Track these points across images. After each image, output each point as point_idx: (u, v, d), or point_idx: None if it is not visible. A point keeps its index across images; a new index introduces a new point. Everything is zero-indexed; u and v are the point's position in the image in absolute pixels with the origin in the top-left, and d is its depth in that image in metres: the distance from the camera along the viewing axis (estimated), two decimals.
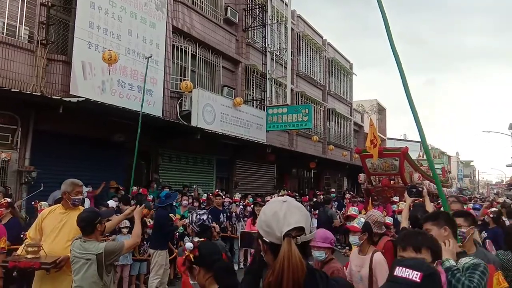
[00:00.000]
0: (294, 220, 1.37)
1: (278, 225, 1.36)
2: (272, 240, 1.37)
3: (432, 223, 2.50)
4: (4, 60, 7.87)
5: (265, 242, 1.40)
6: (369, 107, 31.83)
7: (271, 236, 1.38)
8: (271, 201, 1.51)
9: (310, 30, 20.74)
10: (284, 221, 1.37)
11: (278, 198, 1.51)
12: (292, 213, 1.39)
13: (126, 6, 10.27)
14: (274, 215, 1.39)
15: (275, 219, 1.38)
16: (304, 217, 1.41)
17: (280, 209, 1.40)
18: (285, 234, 1.34)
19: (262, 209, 1.49)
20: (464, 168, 67.56)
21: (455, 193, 17.27)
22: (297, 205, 1.45)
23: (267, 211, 1.44)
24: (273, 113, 15.19)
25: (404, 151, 11.69)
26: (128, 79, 10.14)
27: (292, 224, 1.36)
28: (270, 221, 1.39)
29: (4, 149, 7.98)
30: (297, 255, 1.31)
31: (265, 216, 1.42)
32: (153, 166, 11.73)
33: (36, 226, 3.55)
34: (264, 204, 7.13)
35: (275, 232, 1.36)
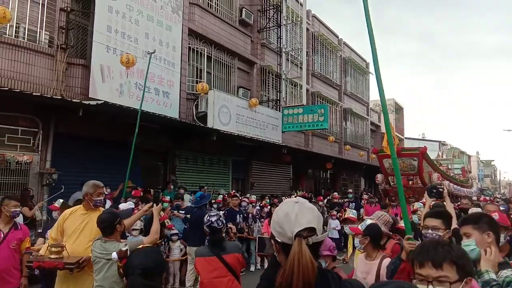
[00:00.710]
0: (306, 220, 1.39)
1: (290, 226, 1.38)
2: (284, 240, 1.39)
3: (473, 227, 2.24)
4: (25, 64, 8.07)
5: (278, 242, 1.42)
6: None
7: (283, 236, 1.40)
8: (283, 202, 1.53)
9: (325, 29, 20.63)
10: (295, 221, 1.38)
11: (291, 199, 1.53)
12: (303, 214, 1.41)
13: (143, 9, 10.40)
14: (286, 216, 1.41)
15: (287, 220, 1.40)
16: (316, 218, 1.43)
17: (292, 210, 1.42)
18: (296, 234, 1.36)
19: (275, 210, 1.52)
20: (484, 167, 66.06)
21: (475, 194, 16.90)
22: (309, 207, 1.46)
23: (279, 212, 1.46)
24: (289, 113, 15.16)
25: (422, 151, 11.53)
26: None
27: (303, 225, 1.37)
28: (282, 221, 1.41)
29: (26, 151, 8.18)
30: (308, 255, 1.32)
31: (277, 217, 1.44)
32: (170, 168, 11.85)
33: (58, 226, 3.62)
34: None
35: (287, 232, 1.38)
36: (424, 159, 11.69)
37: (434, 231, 2.50)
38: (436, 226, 2.54)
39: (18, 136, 8.18)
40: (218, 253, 2.82)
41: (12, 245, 3.92)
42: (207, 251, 2.91)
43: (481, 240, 2.17)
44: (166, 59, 11.02)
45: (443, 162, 20.21)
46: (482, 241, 2.17)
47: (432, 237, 2.42)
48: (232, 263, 2.85)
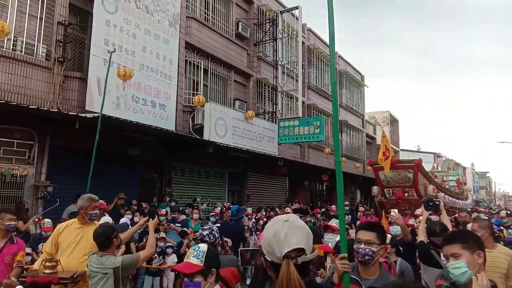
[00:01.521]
0: (295, 241, 1.38)
1: (279, 246, 1.38)
2: (273, 259, 1.39)
3: (463, 246, 1.98)
4: (22, 77, 8.11)
5: (267, 260, 1.43)
6: (382, 119, 31.65)
7: (272, 256, 1.40)
8: (273, 220, 1.52)
9: (320, 43, 20.86)
10: (285, 242, 1.38)
11: (281, 217, 1.51)
12: (293, 234, 1.40)
13: (140, 23, 10.51)
14: (275, 235, 1.40)
15: (276, 240, 1.39)
16: (305, 237, 1.42)
17: (282, 230, 1.41)
18: (285, 255, 1.35)
19: (266, 227, 1.51)
20: (480, 179, 66.31)
21: (471, 206, 16.94)
22: (299, 225, 1.45)
23: (268, 231, 1.46)
24: (285, 125, 15.24)
25: (417, 163, 11.59)
26: (142, 95, 10.33)
27: (292, 245, 1.37)
28: (271, 241, 1.40)
29: (21, 164, 8.17)
30: (296, 277, 1.32)
31: (267, 236, 1.44)
32: (166, 180, 11.84)
33: (52, 240, 3.61)
34: None
35: (276, 252, 1.38)
36: (419, 171, 11.73)
37: (367, 246, 2.22)
38: (370, 240, 2.25)
39: (14, 148, 8.17)
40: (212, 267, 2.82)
41: (7, 260, 3.88)
42: None
43: (472, 261, 1.95)
44: (163, 72, 11.09)
45: (438, 174, 20.24)
46: (473, 262, 1.95)
47: (365, 252, 2.16)
48: (227, 277, 2.84)
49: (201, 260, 2.06)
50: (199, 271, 2.03)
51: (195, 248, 2.17)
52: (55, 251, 3.54)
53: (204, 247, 2.16)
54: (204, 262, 2.05)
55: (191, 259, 2.08)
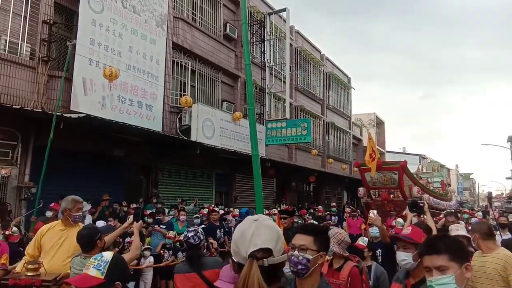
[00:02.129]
0: (262, 240, 1.31)
1: (245, 245, 1.31)
2: (239, 260, 1.32)
3: (450, 258, 1.64)
4: (6, 77, 7.97)
5: (234, 261, 1.35)
6: (368, 121, 31.97)
7: (238, 256, 1.33)
8: (244, 220, 1.45)
9: (308, 45, 20.99)
10: (250, 241, 1.31)
11: (250, 216, 1.45)
12: (260, 234, 1.33)
13: (127, 23, 10.42)
14: (242, 234, 1.34)
15: (243, 239, 1.33)
16: (274, 238, 1.35)
17: (249, 228, 1.34)
18: (250, 254, 1.28)
19: (236, 228, 1.43)
20: (464, 181, 67.45)
21: (454, 207, 17.21)
22: (268, 225, 1.38)
23: (237, 230, 1.39)
24: (272, 127, 15.28)
25: (403, 164, 11.69)
26: (128, 95, 10.24)
27: (258, 245, 1.30)
28: (238, 240, 1.34)
29: (4, 165, 8.01)
30: (257, 277, 1.24)
31: (235, 235, 1.38)
32: (152, 181, 11.75)
33: (35, 243, 3.56)
34: None
35: (241, 252, 1.31)
36: (405, 173, 11.85)
37: (301, 252, 1.81)
38: (305, 245, 1.82)
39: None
40: (198, 269, 2.81)
41: None
42: (187, 268, 2.89)
43: (460, 276, 1.64)
44: (150, 72, 11.02)
45: (423, 176, 20.54)
46: (461, 277, 1.64)
47: (298, 260, 1.78)
48: (213, 279, 2.83)
49: (102, 272, 1.75)
50: (98, 285, 1.71)
51: (96, 257, 1.84)
52: (38, 253, 3.49)
53: (107, 256, 1.83)
54: (106, 274, 1.74)
55: (90, 270, 1.76)
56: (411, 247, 2.54)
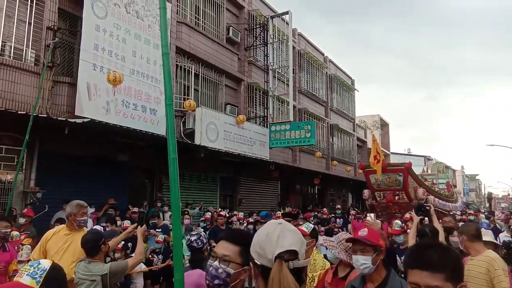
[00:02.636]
0: (288, 242, 1.31)
1: (271, 247, 1.30)
2: (264, 263, 1.30)
3: (446, 277, 1.31)
4: (11, 83, 8.03)
5: (257, 265, 1.32)
6: (372, 123, 31.88)
7: (262, 259, 1.31)
8: (266, 224, 1.45)
9: (311, 47, 21.00)
10: (277, 243, 1.30)
11: (273, 220, 1.46)
12: (285, 236, 1.33)
13: (131, 28, 10.49)
14: (267, 236, 1.33)
15: (268, 241, 1.32)
16: (298, 241, 1.35)
17: (274, 231, 1.34)
18: (277, 256, 1.27)
19: (257, 231, 1.42)
20: (469, 182, 67.00)
21: (460, 208, 17.11)
22: (291, 229, 1.39)
23: (260, 232, 1.38)
24: (276, 130, 15.27)
25: (407, 166, 11.68)
26: (132, 99, 10.29)
27: (285, 247, 1.29)
28: (263, 242, 1.33)
29: (10, 170, 8.07)
30: (290, 278, 1.23)
31: (258, 238, 1.37)
32: (157, 185, 11.78)
33: (40, 248, 3.58)
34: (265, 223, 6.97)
35: (267, 254, 1.30)
36: (409, 175, 11.83)
37: (222, 264, 1.56)
38: (228, 256, 1.56)
39: (2, 154, 8.08)
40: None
41: (0, 267, 3.85)
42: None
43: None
44: (154, 76, 11.07)
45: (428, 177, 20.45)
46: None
47: (216, 274, 1.55)
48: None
49: (38, 280, 1.56)
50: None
51: (33, 264, 1.65)
52: (43, 258, 3.51)
53: (45, 264, 1.64)
54: (42, 284, 1.56)
55: (23, 277, 1.56)
56: (369, 250, 2.44)
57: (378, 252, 2.47)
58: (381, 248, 2.49)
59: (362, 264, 2.41)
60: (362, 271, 2.42)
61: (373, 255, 2.42)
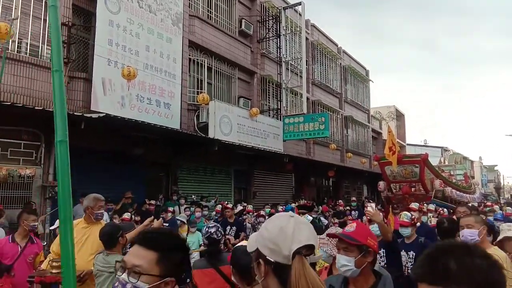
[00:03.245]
0: (305, 237, 1.22)
1: (286, 242, 1.20)
2: (278, 259, 1.20)
3: None
4: (28, 79, 8.17)
5: (269, 262, 1.21)
6: (387, 113, 31.48)
7: (277, 255, 1.20)
8: (274, 217, 1.33)
9: (324, 38, 20.78)
10: (293, 238, 1.20)
11: (283, 213, 1.35)
12: (301, 230, 1.23)
13: (144, 23, 10.54)
14: (281, 231, 1.22)
15: (282, 236, 1.21)
16: (313, 234, 1.27)
17: (287, 225, 1.24)
18: (295, 251, 1.18)
19: (263, 225, 1.31)
20: (488, 173, 65.74)
21: (478, 200, 16.84)
22: (305, 222, 1.31)
23: (270, 226, 1.26)
24: (290, 122, 15.21)
25: (424, 157, 11.53)
26: (146, 94, 10.37)
27: (302, 241, 1.20)
28: (276, 237, 1.22)
29: (29, 165, 8.24)
30: (314, 274, 1.16)
31: (269, 233, 1.24)
32: (172, 178, 11.89)
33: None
34: None
35: (282, 250, 1.19)
36: (426, 166, 11.68)
37: (132, 277, 1.25)
38: (140, 267, 1.25)
39: (21, 149, 8.26)
40: (216, 265, 2.84)
41: (29, 259, 3.99)
42: (205, 263, 2.92)
43: None
44: (167, 70, 11.12)
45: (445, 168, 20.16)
46: None
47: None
48: (230, 273, 2.86)
49: None
50: None
51: None
52: None
53: None
54: None
55: None
56: (354, 250, 2.05)
57: (365, 253, 2.05)
58: (369, 249, 2.07)
59: (343, 266, 2.05)
60: (344, 274, 2.08)
61: (358, 256, 2.04)
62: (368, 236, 2.08)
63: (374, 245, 2.10)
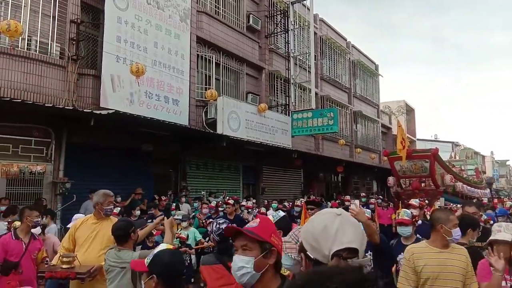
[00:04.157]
0: (348, 239, 1.16)
1: (327, 242, 1.15)
2: (318, 257, 1.17)
3: None
4: (37, 76, 8.23)
5: (309, 258, 1.19)
6: (396, 108, 31.18)
7: (317, 253, 1.17)
8: (321, 212, 1.28)
9: (333, 33, 20.62)
10: (335, 238, 1.15)
11: (332, 210, 1.28)
12: (345, 230, 1.17)
13: (152, 19, 10.54)
14: (325, 229, 1.17)
15: (325, 234, 1.17)
16: (359, 236, 1.19)
17: (332, 223, 1.18)
18: (334, 253, 1.13)
19: (310, 219, 1.27)
20: (499, 168, 64.90)
21: (489, 195, 16.63)
22: (352, 222, 1.23)
23: (316, 223, 1.22)
24: (298, 118, 15.15)
25: (434, 152, 11.39)
26: (155, 90, 10.39)
27: (344, 243, 1.14)
28: (318, 235, 1.18)
29: (39, 161, 8.32)
30: None
31: (313, 229, 1.21)
32: (181, 174, 11.93)
33: (70, 236, 3.69)
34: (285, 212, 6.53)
35: (323, 249, 1.16)
36: (436, 161, 11.54)
37: None
38: None
39: (32, 146, 8.33)
40: (224, 261, 2.82)
41: (34, 255, 4.02)
42: (213, 259, 2.91)
43: None
44: (175, 67, 11.13)
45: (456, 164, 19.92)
46: None
47: None
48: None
49: None
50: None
51: None
52: (73, 246, 3.61)
53: None
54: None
55: None
56: (254, 248, 1.61)
57: (267, 252, 1.59)
58: (272, 248, 1.61)
59: (239, 269, 1.58)
60: (240, 281, 1.59)
61: (258, 255, 1.59)
62: (272, 233, 1.67)
63: (278, 245, 1.67)
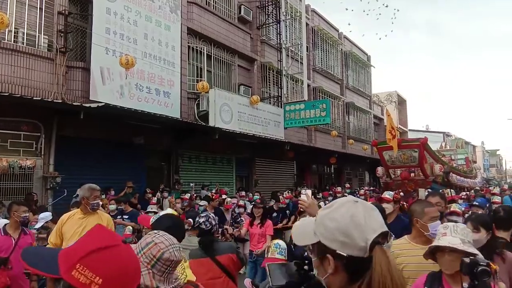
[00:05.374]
0: (378, 223, 1.07)
1: (361, 232, 1.04)
2: (353, 253, 1.03)
3: None
4: (25, 69, 8.12)
5: (340, 257, 1.04)
6: (385, 97, 31.22)
7: (350, 248, 1.03)
8: (337, 204, 1.13)
9: (325, 24, 20.54)
10: (366, 226, 1.04)
11: (346, 198, 1.16)
12: (372, 216, 1.08)
13: (141, 10, 10.42)
14: (352, 219, 1.06)
15: (355, 225, 1.05)
16: (383, 220, 1.10)
17: (357, 212, 1.07)
18: (373, 242, 1.02)
19: (325, 215, 1.11)
20: (490, 157, 65.59)
21: (480, 184, 16.81)
22: (372, 206, 1.13)
23: (338, 215, 1.08)
24: (291, 109, 15.14)
25: (423, 141, 11.42)
26: (145, 83, 10.31)
27: (377, 230, 1.04)
28: (347, 227, 1.05)
29: (29, 156, 8.25)
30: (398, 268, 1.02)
31: (337, 223, 1.06)
32: (173, 167, 11.91)
33: (57, 231, 3.67)
34: (263, 206, 6.61)
35: (357, 241, 1.03)
36: (425, 150, 11.58)
37: None
38: None
39: (21, 141, 8.25)
40: (211, 254, 2.84)
41: None
42: (200, 253, 2.93)
43: None
44: (166, 59, 11.04)
45: (446, 153, 20.08)
46: None
47: None
48: (226, 263, 2.86)
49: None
50: None
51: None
52: (60, 241, 3.60)
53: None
54: None
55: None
56: None
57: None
58: None
59: None
60: None
61: None
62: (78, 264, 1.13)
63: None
